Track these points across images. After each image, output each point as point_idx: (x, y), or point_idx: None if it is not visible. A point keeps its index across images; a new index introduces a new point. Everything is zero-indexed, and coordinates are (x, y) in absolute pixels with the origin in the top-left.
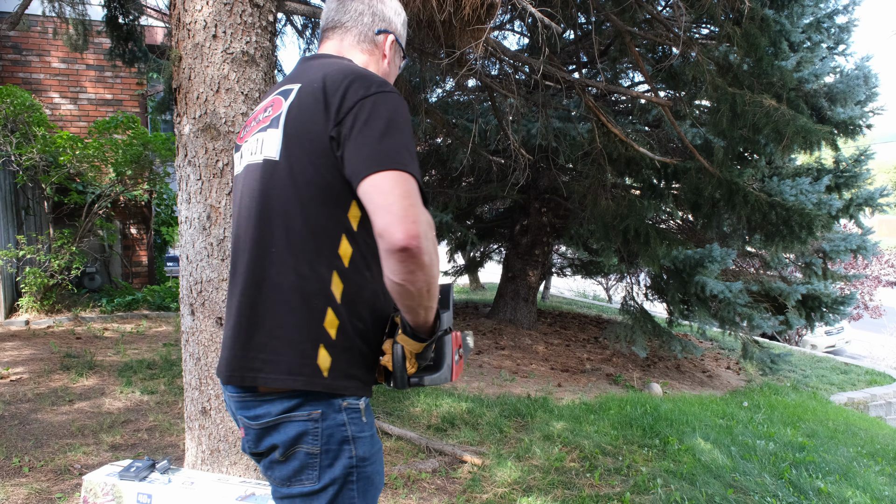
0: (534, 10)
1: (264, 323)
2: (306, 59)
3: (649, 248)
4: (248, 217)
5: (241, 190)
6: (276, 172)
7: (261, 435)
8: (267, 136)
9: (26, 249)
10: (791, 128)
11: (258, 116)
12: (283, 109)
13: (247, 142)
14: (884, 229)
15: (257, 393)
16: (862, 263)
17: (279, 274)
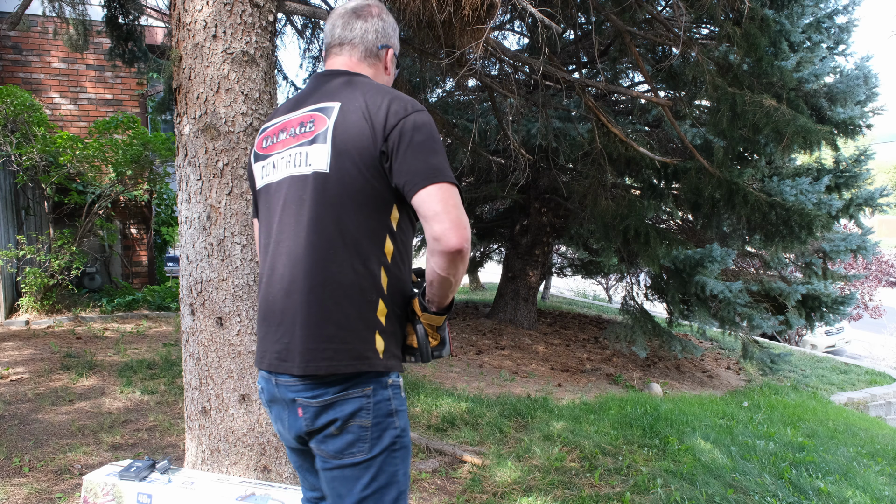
0: (534, 10)
1: (332, 317)
2: (326, 75)
3: (649, 248)
4: (297, 224)
5: (282, 198)
6: (328, 183)
7: (319, 412)
8: (313, 150)
9: (26, 249)
10: (791, 128)
11: (291, 130)
12: (329, 126)
13: (279, 153)
14: (884, 229)
15: (319, 377)
16: (862, 263)
17: (340, 273)
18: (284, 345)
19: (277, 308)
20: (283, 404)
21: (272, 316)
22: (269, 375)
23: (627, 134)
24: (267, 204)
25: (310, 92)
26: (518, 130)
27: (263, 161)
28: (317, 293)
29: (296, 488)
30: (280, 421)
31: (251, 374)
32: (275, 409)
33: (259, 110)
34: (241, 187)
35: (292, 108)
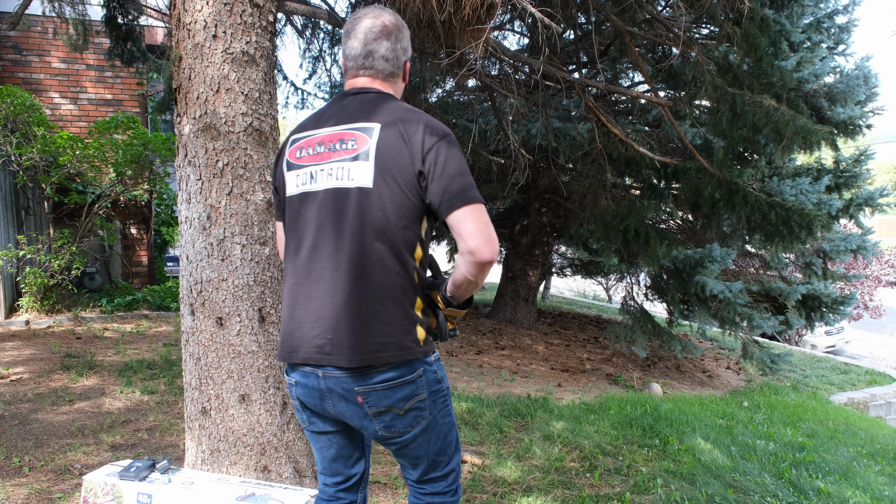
0: (534, 10)
1: (379, 314)
2: (357, 93)
3: (649, 248)
4: (339, 232)
5: (323, 207)
6: (371, 197)
7: (382, 397)
8: (356, 167)
9: (26, 249)
10: (791, 128)
11: (330, 144)
12: (371, 146)
13: (318, 165)
14: (884, 229)
15: (372, 367)
16: (862, 263)
17: (384, 276)
18: (327, 340)
19: (315, 306)
20: (338, 396)
21: (308, 314)
22: (312, 370)
23: (627, 134)
24: (301, 210)
25: (343, 109)
26: (518, 130)
27: (298, 170)
28: (364, 295)
29: (296, 488)
30: (322, 408)
31: (251, 374)
32: (325, 402)
33: (259, 110)
34: (241, 187)
35: (326, 123)
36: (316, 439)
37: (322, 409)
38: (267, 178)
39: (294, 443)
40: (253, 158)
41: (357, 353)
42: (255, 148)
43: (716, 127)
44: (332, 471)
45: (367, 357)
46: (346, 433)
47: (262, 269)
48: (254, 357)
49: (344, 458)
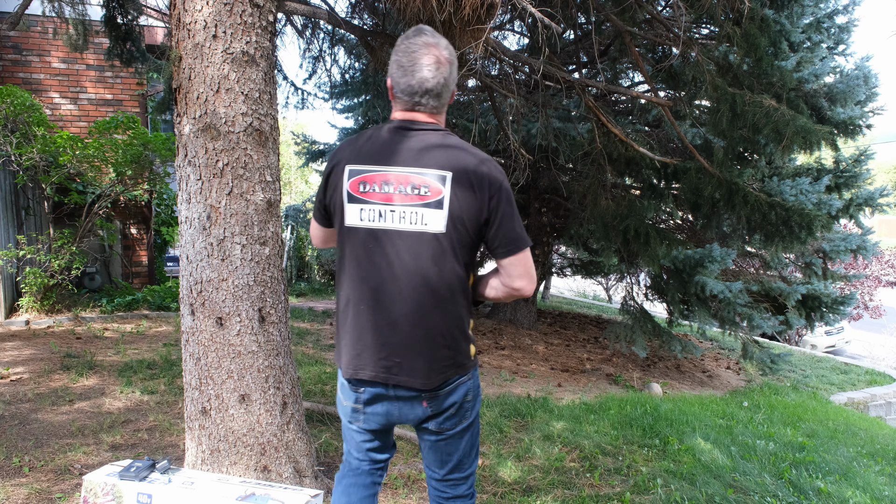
0: (534, 10)
1: (447, 341)
2: (417, 131)
3: (649, 248)
4: (416, 271)
5: (396, 247)
6: (443, 241)
7: (443, 400)
8: (429, 213)
9: (26, 249)
10: (791, 128)
11: (401, 187)
12: (445, 196)
13: (388, 206)
14: (884, 229)
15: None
16: (862, 263)
17: (452, 308)
18: (395, 363)
19: (384, 332)
20: (402, 401)
21: (377, 339)
22: (380, 387)
23: (627, 134)
24: (368, 245)
25: (409, 149)
26: (518, 130)
27: (362, 205)
28: (438, 327)
29: (296, 488)
30: (387, 414)
31: (251, 374)
32: (390, 407)
33: (259, 110)
34: (241, 187)
35: (391, 161)
36: (361, 434)
37: (385, 415)
38: (267, 178)
39: (294, 443)
40: (253, 158)
41: (429, 377)
42: (255, 148)
43: (716, 127)
44: (367, 457)
45: (436, 379)
46: (388, 431)
47: (262, 269)
48: (254, 357)
49: (380, 449)
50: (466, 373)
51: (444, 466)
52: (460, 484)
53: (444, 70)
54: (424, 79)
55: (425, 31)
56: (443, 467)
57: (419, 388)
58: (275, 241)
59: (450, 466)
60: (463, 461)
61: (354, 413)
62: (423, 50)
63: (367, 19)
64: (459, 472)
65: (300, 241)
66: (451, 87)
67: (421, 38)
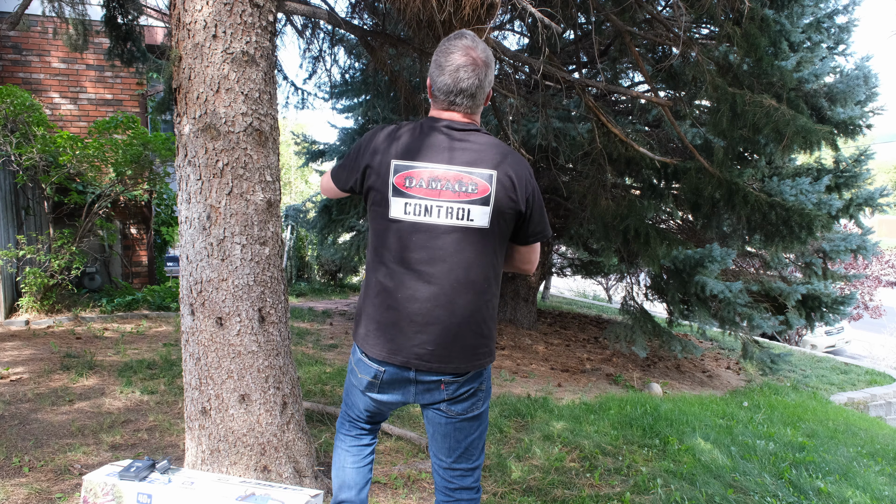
0: (534, 10)
1: (482, 331)
2: (465, 130)
3: (649, 248)
4: (459, 263)
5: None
6: (487, 235)
7: (461, 385)
8: (475, 209)
9: (26, 249)
10: (791, 128)
11: (447, 184)
12: (491, 194)
13: (434, 201)
14: (884, 229)
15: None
16: (862, 263)
17: (492, 299)
18: (429, 351)
19: (421, 320)
20: (422, 385)
21: (411, 324)
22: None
23: (627, 134)
24: (413, 237)
25: (454, 148)
26: (518, 130)
27: (408, 199)
28: (476, 316)
29: (296, 488)
30: (403, 394)
31: (251, 374)
32: (408, 388)
33: (259, 110)
34: (241, 187)
35: (436, 159)
36: (367, 403)
37: (402, 395)
38: (267, 178)
39: (294, 443)
40: (253, 158)
41: (463, 363)
42: (255, 148)
43: (716, 127)
44: (368, 420)
45: (474, 365)
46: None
47: (262, 269)
48: (254, 357)
49: (382, 415)
50: (493, 360)
51: (453, 454)
52: (467, 476)
53: (480, 72)
54: (459, 78)
55: (466, 35)
56: (451, 454)
57: (452, 373)
58: (275, 241)
59: (458, 454)
60: (470, 450)
61: (370, 386)
62: (461, 52)
63: (367, 19)
64: (467, 462)
65: (300, 241)
66: (486, 88)
67: (461, 41)
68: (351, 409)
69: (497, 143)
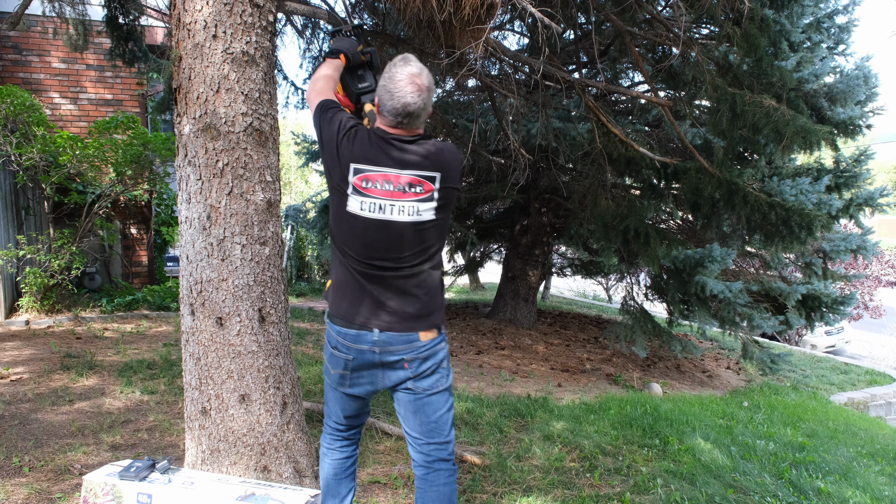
0: (534, 10)
1: (431, 305)
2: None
3: (649, 248)
4: (404, 248)
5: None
6: (433, 228)
7: (424, 360)
8: (423, 206)
9: (26, 249)
10: (791, 128)
11: (400, 185)
12: (435, 191)
13: (388, 200)
14: (884, 229)
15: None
16: (862, 263)
17: (430, 276)
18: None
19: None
20: (383, 367)
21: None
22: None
23: (627, 134)
24: (367, 231)
25: (402, 155)
26: (518, 130)
27: (363, 197)
28: (424, 290)
29: (296, 488)
30: (371, 377)
31: (251, 374)
32: (374, 372)
33: (259, 110)
34: (241, 187)
35: (388, 164)
36: (344, 400)
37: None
38: (267, 178)
39: (294, 443)
40: (253, 158)
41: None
42: (255, 148)
43: (716, 127)
44: (347, 426)
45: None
46: (368, 399)
47: (262, 269)
48: (254, 357)
49: (358, 416)
50: (442, 335)
51: (424, 428)
52: (442, 449)
53: (424, 96)
54: (407, 104)
55: (411, 62)
56: (422, 429)
57: (407, 332)
58: (275, 241)
59: (429, 428)
60: (441, 424)
61: (342, 379)
62: (408, 80)
63: (367, 19)
64: (439, 437)
65: (300, 241)
66: (428, 108)
67: (407, 69)
68: (330, 417)
69: (439, 148)
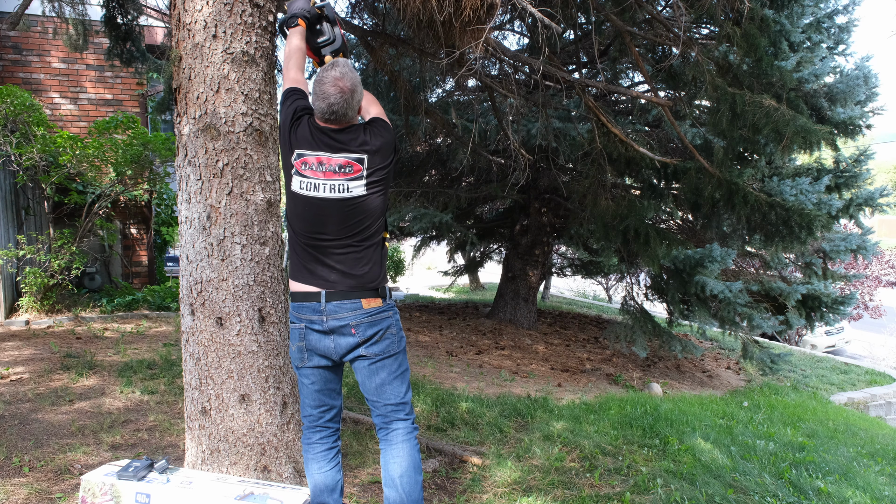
0: (534, 10)
1: (370, 272)
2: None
3: (649, 248)
4: (338, 222)
5: (331, 208)
6: (362, 203)
7: (370, 325)
8: (353, 184)
9: (26, 249)
10: (791, 128)
11: (331, 166)
12: (364, 171)
13: (321, 180)
14: (884, 229)
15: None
16: (862, 263)
17: (370, 249)
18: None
19: (323, 266)
20: (338, 333)
21: (318, 268)
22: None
23: (627, 134)
24: (307, 208)
25: (335, 140)
26: (518, 130)
27: (301, 178)
28: (361, 262)
29: (295, 487)
30: (324, 347)
31: (251, 374)
32: (325, 340)
33: (259, 110)
34: (241, 187)
35: (321, 148)
36: (310, 377)
37: (323, 348)
38: (267, 178)
39: (294, 443)
40: (253, 158)
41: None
42: (255, 148)
43: (716, 127)
44: (319, 402)
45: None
46: (333, 374)
47: (262, 269)
48: (254, 357)
49: (333, 391)
50: (385, 302)
51: (380, 390)
52: (399, 409)
53: (347, 97)
54: (331, 104)
55: (338, 65)
56: (378, 391)
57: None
58: (275, 241)
59: (384, 390)
60: (395, 386)
61: (300, 354)
62: (331, 83)
63: (367, 19)
64: (394, 398)
65: None
66: (354, 106)
67: (332, 72)
68: (305, 406)
69: (365, 132)
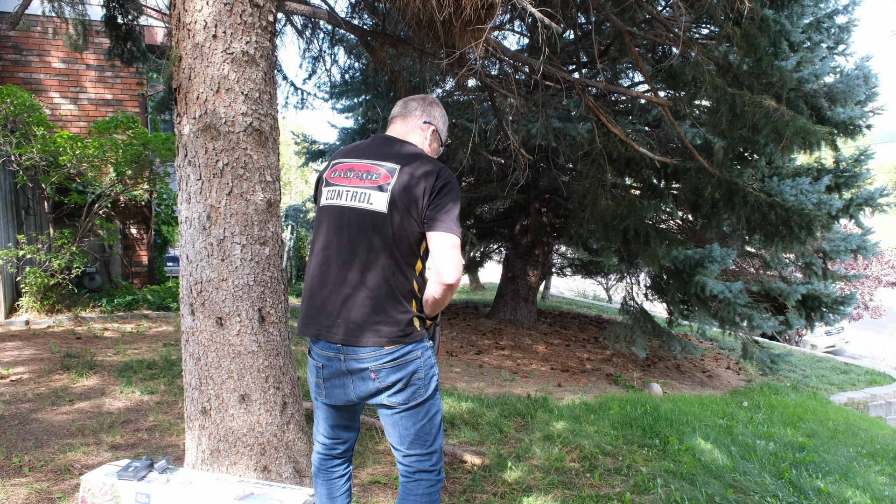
0: (534, 10)
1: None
2: (387, 139)
3: (649, 248)
4: (361, 243)
5: (346, 221)
6: (383, 220)
7: (392, 371)
8: (375, 195)
9: (26, 249)
10: (791, 128)
11: (359, 172)
12: (392, 182)
13: (346, 187)
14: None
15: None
16: (862, 263)
17: (394, 279)
18: (327, 324)
19: (324, 295)
20: (351, 375)
21: (319, 299)
22: (338, 353)
23: (627, 134)
24: (329, 217)
25: (375, 148)
26: (518, 130)
27: (328, 187)
28: (384, 293)
29: (295, 487)
30: (342, 388)
31: (251, 374)
32: (336, 382)
33: (259, 110)
34: (241, 187)
35: (360, 156)
36: (326, 410)
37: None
38: (267, 178)
39: (294, 443)
40: (253, 158)
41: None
42: (255, 148)
43: (716, 127)
44: (333, 434)
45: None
46: (352, 410)
47: (262, 269)
48: (254, 357)
49: (349, 427)
50: (413, 345)
51: (404, 442)
52: (424, 460)
53: (415, 98)
54: (402, 104)
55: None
56: (403, 443)
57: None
58: (275, 241)
59: (409, 441)
60: (422, 436)
61: (318, 388)
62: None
63: (367, 19)
64: (421, 448)
65: (300, 241)
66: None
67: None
68: (318, 432)
69: (414, 151)
